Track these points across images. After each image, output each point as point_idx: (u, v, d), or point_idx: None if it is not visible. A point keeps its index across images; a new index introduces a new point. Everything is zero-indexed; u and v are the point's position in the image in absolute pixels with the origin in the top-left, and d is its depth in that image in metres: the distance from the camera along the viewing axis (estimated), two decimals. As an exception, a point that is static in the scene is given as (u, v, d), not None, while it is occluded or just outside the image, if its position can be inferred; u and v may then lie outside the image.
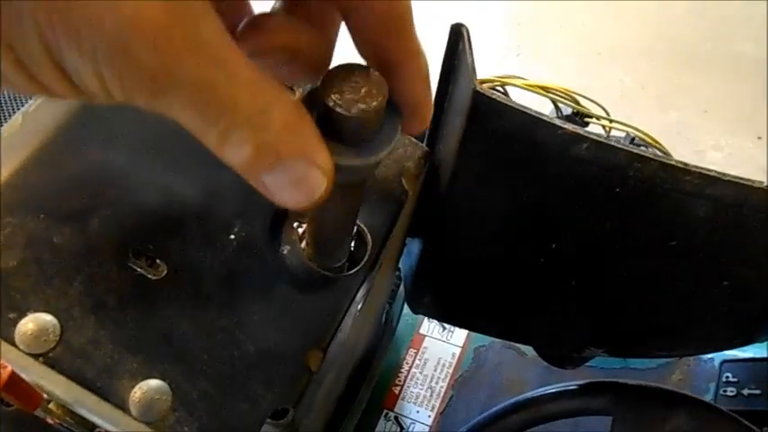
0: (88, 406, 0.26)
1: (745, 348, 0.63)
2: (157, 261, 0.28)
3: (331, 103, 0.19)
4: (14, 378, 0.25)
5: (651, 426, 0.45)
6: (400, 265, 0.54)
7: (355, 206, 0.27)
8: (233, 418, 0.27)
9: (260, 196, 0.19)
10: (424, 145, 0.36)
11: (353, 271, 0.30)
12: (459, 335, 0.77)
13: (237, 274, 0.29)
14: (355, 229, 0.30)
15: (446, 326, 0.78)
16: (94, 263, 0.27)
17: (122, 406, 0.25)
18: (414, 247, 0.47)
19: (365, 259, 0.31)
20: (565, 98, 0.56)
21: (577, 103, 0.57)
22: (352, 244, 0.30)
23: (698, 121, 1.45)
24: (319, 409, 0.44)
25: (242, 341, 0.28)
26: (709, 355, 0.65)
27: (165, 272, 0.28)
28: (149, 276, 0.28)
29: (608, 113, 0.58)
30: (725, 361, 0.63)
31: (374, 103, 0.20)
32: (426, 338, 0.78)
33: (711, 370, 0.64)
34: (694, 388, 0.62)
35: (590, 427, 0.63)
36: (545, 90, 0.56)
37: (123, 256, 0.27)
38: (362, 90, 0.20)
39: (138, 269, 0.28)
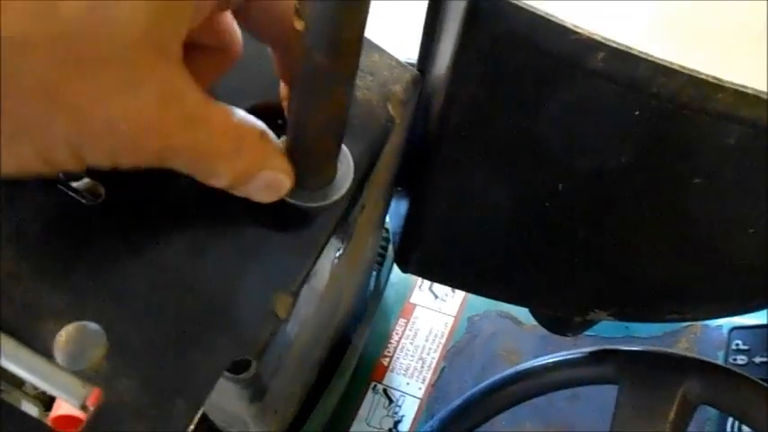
0: (4, 352, 0.21)
1: (756, 314, 0.60)
2: (93, 183, 0.23)
3: None
4: None
5: (662, 392, 0.41)
6: (388, 225, 0.50)
7: (342, 113, 0.22)
8: (184, 368, 0.23)
9: None
10: (413, 69, 0.32)
11: (330, 201, 0.26)
12: (452, 304, 0.73)
13: (192, 202, 0.25)
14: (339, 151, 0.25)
15: (438, 294, 0.74)
16: (14, 184, 0.22)
17: (45, 352, 0.21)
18: (402, 206, 0.43)
19: (345, 190, 0.26)
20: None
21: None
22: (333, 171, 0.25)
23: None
24: (293, 371, 0.40)
25: (196, 281, 0.24)
26: (718, 322, 0.61)
27: (103, 197, 0.24)
28: (83, 201, 0.23)
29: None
30: (734, 328, 0.59)
31: None
32: (417, 308, 0.74)
33: (720, 337, 0.60)
34: (702, 356, 0.59)
35: (590, 398, 0.60)
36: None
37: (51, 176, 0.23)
38: None
39: (70, 192, 0.23)
